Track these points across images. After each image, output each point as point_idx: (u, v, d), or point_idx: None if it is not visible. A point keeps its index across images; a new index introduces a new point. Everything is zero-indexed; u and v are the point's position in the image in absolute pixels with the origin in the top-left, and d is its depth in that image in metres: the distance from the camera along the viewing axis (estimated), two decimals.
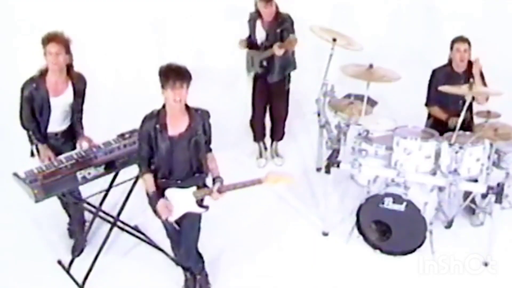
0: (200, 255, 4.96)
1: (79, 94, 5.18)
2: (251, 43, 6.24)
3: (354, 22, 7.66)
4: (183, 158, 4.51)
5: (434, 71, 5.90)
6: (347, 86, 6.00)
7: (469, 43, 5.72)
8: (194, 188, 4.54)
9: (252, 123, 6.64)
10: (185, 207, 4.56)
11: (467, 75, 5.66)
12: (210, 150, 4.67)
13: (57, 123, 5.21)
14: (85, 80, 5.20)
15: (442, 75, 5.79)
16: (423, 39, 7.79)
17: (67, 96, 5.13)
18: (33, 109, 5.09)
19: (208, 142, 4.64)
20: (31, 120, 5.14)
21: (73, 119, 5.25)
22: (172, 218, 4.57)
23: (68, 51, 5.00)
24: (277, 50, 5.94)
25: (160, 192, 4.56)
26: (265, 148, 6.75)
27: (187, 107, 4.50)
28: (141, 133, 4.53)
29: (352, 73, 5.64)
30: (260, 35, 6.15)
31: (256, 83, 6.36)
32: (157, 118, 4.47)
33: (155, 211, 4.61)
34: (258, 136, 6.70)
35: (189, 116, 4.48)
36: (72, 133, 5.28)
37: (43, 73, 5.05)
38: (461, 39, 5.72)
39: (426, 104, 5.97)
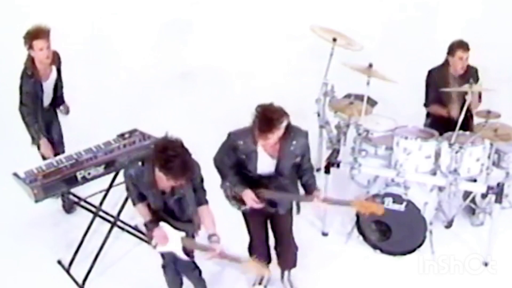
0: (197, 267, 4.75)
1: (59, 72, 5.46)
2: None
3: (354, 22, 7.65)
4: (174, 210, 4.36)
5: (429, 72, 5.88)
6: (347, 86, 5.99)
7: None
8: (183, 234, 4.39)
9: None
10: (172, 246, 4.44)
11: (463, 79, 5.56)
12: (206, 202, 4.35)
13: (46, 101, 5.44)
14: (59, 55, 5.45)
15: (438, 76, 5.75)
16: (423, 39, 7.78)
17: (53, 77, 5.40)
18: (35, 101, 5.24)
19: (202, 193, 4.34)
20: (34, 116, 5.26)
21: (58, 92, 5.49)
22: (159, 249, 4.50)
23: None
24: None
25: (156, 220, 4.41)
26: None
27: None
28: (128, 182, 4.32)
29: (353, 67, 5.60)
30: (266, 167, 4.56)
31: None
32: (143, 175, 4.21)
33: (148, 237, 4.51)
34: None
35: None
36: (54, 104, 5.57)
37: (32, 62, 5.20)
38: (462, 47, 5.58)
39: (425, 105, 5.96)
